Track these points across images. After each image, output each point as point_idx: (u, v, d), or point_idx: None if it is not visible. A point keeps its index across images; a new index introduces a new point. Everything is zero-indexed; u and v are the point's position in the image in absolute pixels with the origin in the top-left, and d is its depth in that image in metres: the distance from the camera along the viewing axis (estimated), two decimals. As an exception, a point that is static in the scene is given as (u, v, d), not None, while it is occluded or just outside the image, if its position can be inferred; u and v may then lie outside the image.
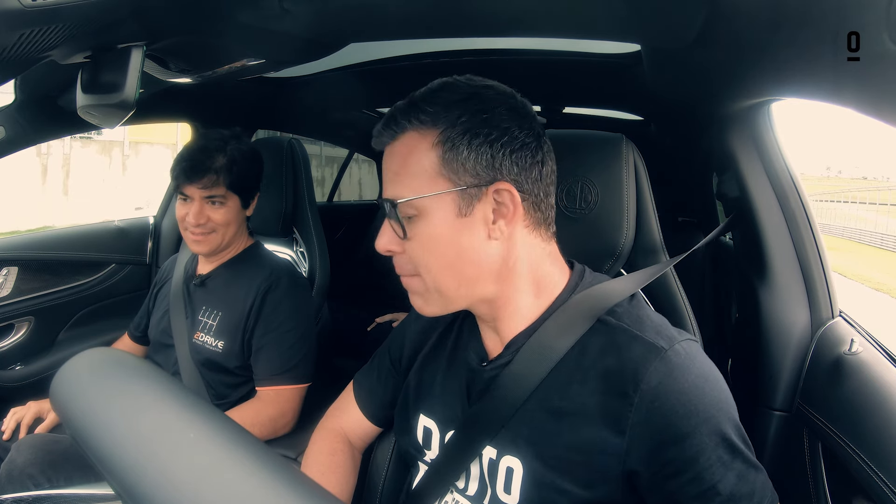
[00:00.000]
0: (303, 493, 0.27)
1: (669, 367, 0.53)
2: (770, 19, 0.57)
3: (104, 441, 0.30)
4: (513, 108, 0.58)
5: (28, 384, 1.41)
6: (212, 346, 1.15)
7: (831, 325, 0.86)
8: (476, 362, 0.64)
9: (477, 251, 0.57)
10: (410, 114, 0.57)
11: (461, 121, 0.55)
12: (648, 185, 0.86)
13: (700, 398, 0.52)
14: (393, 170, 0.58)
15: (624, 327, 0.57)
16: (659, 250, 0.87)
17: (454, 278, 0.58)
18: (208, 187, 1.11)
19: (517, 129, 0.57)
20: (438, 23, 0.86)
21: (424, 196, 0.55)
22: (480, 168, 0.55)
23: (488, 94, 0.57)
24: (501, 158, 0.56)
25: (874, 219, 21.32)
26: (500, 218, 0.57)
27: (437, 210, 0.56)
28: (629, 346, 0.55)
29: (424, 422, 0.68)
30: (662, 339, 0.55)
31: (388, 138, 0.59)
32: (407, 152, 0.57)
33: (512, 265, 0.59)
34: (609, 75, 1.23)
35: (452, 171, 0.55)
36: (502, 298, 0.60)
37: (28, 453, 1.02)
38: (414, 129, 0.57)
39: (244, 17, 0.76)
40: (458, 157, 0.55)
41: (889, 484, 0.58)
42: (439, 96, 0.57)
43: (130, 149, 9.54)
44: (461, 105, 0.56)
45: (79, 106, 0.75)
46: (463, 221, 0.56)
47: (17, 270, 1.45)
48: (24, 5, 0.47)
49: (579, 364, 0.57)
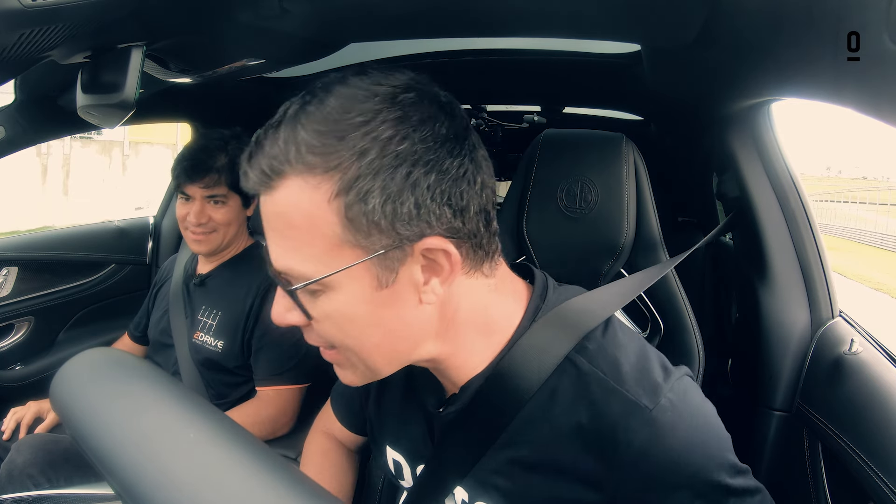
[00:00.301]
0: (303, 493, 0.27)
1: (654, 428, 0.45)
2: (770, 19, 0.57)
3: (104, 441, 0.30)
4: (438, 123, 0.42)
5: (28, 384, 1.41)
6: (211, 345, 1.15)
7: (831, 325, 0.86)
8: (432, 405, 0.55)
9: (408, 323, 0.45)
10: (289, 149, 0.40)
11: (368, 160, 0.39)
12: (648, 185, 0.86)
13: (689, 455, 0.45)
14: (277, 230, 0.43)
15: (599, 376, 0.47)
16: (659, 250, 0.87)
17: (383, 356, 0.47)
18: (210, 186, 1.12)
19: (447, 154, 0.42)
20: (438, 23, 0.86)
21: (326, 276, 0.41)
22: (401, 224, 0.40)
23: (407, 107, 0.41)
24: (430, 205, 0.41)
25: (874, 219, 21.32)
26: (434, 276, 0.44)
27: (349, 285, 0.42)
28: (606, 402, 0.46)
29: (392, 454, 0.62)
30: (645, 392, 0.46)
31: (257, 184, 0.42)
32: (293, 209, 0.41)
33: (451, 318, 0.48)
34: (609, 75, 1.23)
35: (361, 234, 0.40)
36: (445, 353, 0.50)
37: (28, 453, 1.02)
38: (297, 173, 0.40)
39: (244, 17, 0.76)
40: (369, 214, 0.40)
41: (889, 484, 0.58)
42: (322, 118, 0.40)
43: (130, 149, 9.54)
44: (366, 131, 0.39)
45: (79, 106, 0.75)
46: (384, 294, 0.43)
47: (17, 270, 1.45)
48: (24, 5, 0.47)
49: (548, 412, 0.49)
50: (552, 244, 0.90)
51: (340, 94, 0.41)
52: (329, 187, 0.40)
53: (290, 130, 0.41)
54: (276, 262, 0.43)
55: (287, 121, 0.41)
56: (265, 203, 0.43)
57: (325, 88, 0.42)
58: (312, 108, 0.41)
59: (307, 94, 0.42)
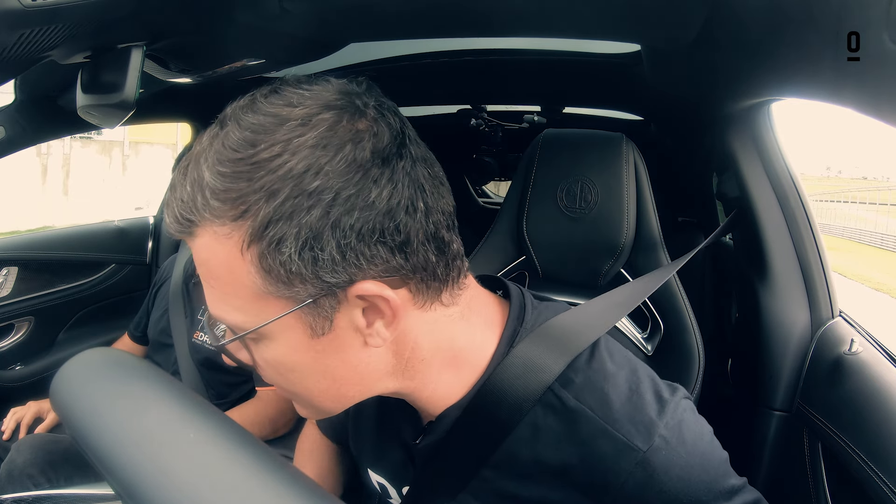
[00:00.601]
0: (303, 493, 0.27)
1: (649, 471, 0.42)
2: (770, 19, 0.57)
3: (104, 441, 0.30)
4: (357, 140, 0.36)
5: (28, 384, 1.41)
6: (211, 345, 1.15)
7: (831, 325, 0.86)
8: (409, 435, 0.52)
9: (355, 367, 0.41)
10: (196, 194, 0.36)
11: (278, 202, 0.34)
12: (648, 185, 0.86)
13: (685, 492, 0.42)
14: (204, 277, 0.39)
15: (587, 414, 0.44)
16: (659, 250, 0.87)
17: (330, 400, 0.44)
18: None
19: (373, 185, 0.36)
20: (438, 23, 0.86)
21: (256, 328, 0.38)
22: (324, 271, 0.36)
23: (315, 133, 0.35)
24: (357, 246, 0.36)
25: (874, 219, 21.33)
26: (378, 318, 0.39)
27: (282, 335, 0.39)
28: (596, 443, 0.43)
29: (375, 477, 0.59)
30: (638, 432, 0.43)
31: (177, 233, 0.39)
32: (212, 258, 0.38)
33: (409, 356, 0.43)
34: (609, 75, 1.23)
35: (283, 284, 0.36)
36: (409, 388, 0.46)
37: (28, 453, 1.02)
38: (206, 221, 0.36)
39: (244, 17, 0.76)
40: (286, 263, 0.35)
41: (889, 484, 0.58)
42: (232, 150, 0.35)
43: (130, 149, 9.54)
44: (272, 168, 0.34)
45: (79, 106, 0.75)
46: (323, 341, 0.39)
47: (17, 270, 1.45)
48: (24, 5, 0.47)
49: (534, 449, 0.45)
50: (552, 244, 0.91)
51: (247, 124, 0.36)
52: (240, 236, 0.35)
53: (196, 172, 0.36)
54: (210, 309, 0.40)
55: (194, 161, 0.37)
56: (191, 249, 0.39)
57: (233, 117, 0.37)
58: (218, 144, 0.36)
59: (216, 125, 0.38)
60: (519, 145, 2.11)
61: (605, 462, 0.43)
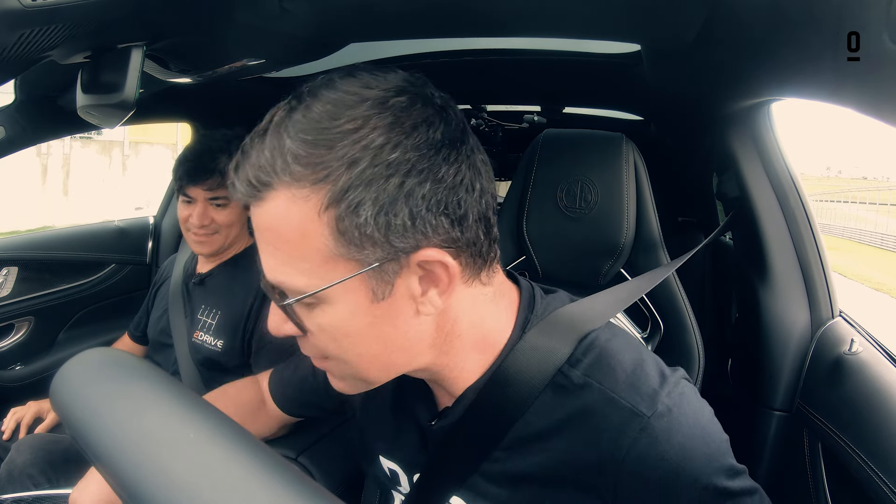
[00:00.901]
0: (303, 493, 0.27)
1: (653, 436, 0.44)
2: (770, 19, 0.57)
3: (104, 441, 0.30)
4: (430, 125, 0.40)
5: (28, 384, 1.41)
6: (211, 345, 1.15)
7: (831, 325, 0.86)
8: (425, 418, 0.54)
9: (405, 334, 0.44)
10: (276, 159, 0.39)
11: (359, 169, 0.37)
12: (648, 185, 0.86)
13: (686, 461, 0.44)
14: (268, 242, 0.41)
15: (595, 387, 0.46)
16: (659, 250, 0.87)
17: (378, 368, 0.46)
18: (213, 189, 1.11)
19: (442, 161, 0.40)
20: (438, 23, 0.86)
21: (319, 290, 0.40)
22: (395, 236, 0.39)
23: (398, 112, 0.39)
24: (425, 215, 0.39)
25: (874, 219, 21.32)
26: (432, 287, 0.42)
27: (344, 299, 0.41)
28: (603, 413, 0.45)
29: (387, 464, 0.61)
30: (643, 399, 0.45)
31: (245, 195, 0.41)
32: (283, 222, 0.39)
33: (449, 330, 0.46)
34: (609, 75, 1.23)
35: (354, 247, 0.39)
36: (440, 365, 0.48)
37: (28, 453, 1.02)
38: (284, 185, 0.39)
39: (244, 17, 0.76)
40: (361, 226, 0.38)
41: (889, 484, 0.58)
42: (309, 126, 0.38)
43: (130, 149, 9.54)
44: (355, 138, 0.38)
45: (79, 106, 0.75)
46: (381, 306, 0.42)
47: (17, 270, 1.45)
48: (24, 5, 0.47)
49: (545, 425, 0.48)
50: (552, 244, 0.91)
51: (328, 98, 0.39)
52: (318, 199, 0.38)
53: (276, 139, 0.39)
54: (268, 273, 0.42)
55: (273, 128, 0.40)
56: (255, 215, 0.41)
57: (312, 93, 0.40)
58: (299, 115, 0.39)
59: (293, 99, 0.41)
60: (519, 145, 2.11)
61: (611, 430, 0.45)
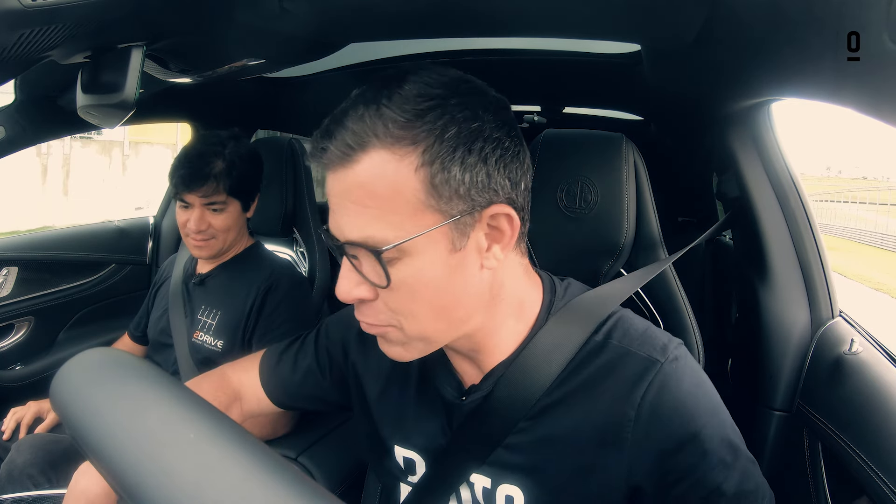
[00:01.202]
0: (303, 493, 0.27)
1: (665, 378, 0.50)
2: (770, 19, 0.57)
3: (104, 441, 0.30)
4: (496, 108, 0.48)
5: (28, 384, 1.41)
6: (211, 345, 1.15)
7: (831, 325, 0.86)
8: (453, 395, 0.58)
9: (469, 289, 0.49)
10: (375, 121, 0.44)
11: (448, 134, 0.44)
12: (648, 185, 0.86)
13: (697, 405, 0.50)
14: (357, 200, 0.45)
15: (613, 345, 0.53)
16: (659, 250, 0.87)
17: (444, 323, 0.50)
18: (208, 195, 1.10)
19: (506, 136, 0.48)
20: (438, 23, 0.86)
21: (414, 237, 0.45)
22: (476, 191, 0.46)
23: (469, 94, 0.47)
24: (497, 176, 0.47)
25: (874, 219, 21.32)
26: (495, 243, 0.49)
27: (428, 249, 0.46)
28: (622, 364, 0.52)
29: (403, 453, 0.63)
30: (655, 350, 0.52)
31: (337, 157, 0.45)
32: (377, 179, 0.44)
33: (496, 292, 0.52)
34: (609, 75, 1.23)
35: (443, 200, 0.45)
36: (485, 330, 0.53)
37: (28, 453, 1.02)
38: (383, 145, 0.44)
39: (244, 17, 0.76)
40: (450, 181, 0.44)
41: (889, 484, 0.58)
42: (408, 97, 0.45)
43: (130, 149, 9.54)
44: (443, 111, 0.45)
45: (79, 106, 0.75)
46: (456, 257, 0.47)
47: (17, 270, 1.45)
48: (24, 5, 0.47)
49: (568, 389, 0.53)
50: (552, 244, 0.90)
51: (413, 81, 0.46)
52: (414, 158, 0.44)
53: (374, 109, 0.44)
54: (352, 232, 0.46)
55: (368, 102, 0.45)
56: (341, 177, 0.45)
57: (398, 77, 0.46)
58: (395, 89, 0.45)
59: (381, 81, 0.46)
60: (519, 145, 2.10)
61: (630, 377, 0.51)
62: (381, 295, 0.48)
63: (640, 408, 0.50)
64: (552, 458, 0.53)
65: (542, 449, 0.53)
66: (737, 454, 0.51)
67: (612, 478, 0.52)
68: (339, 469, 1.04)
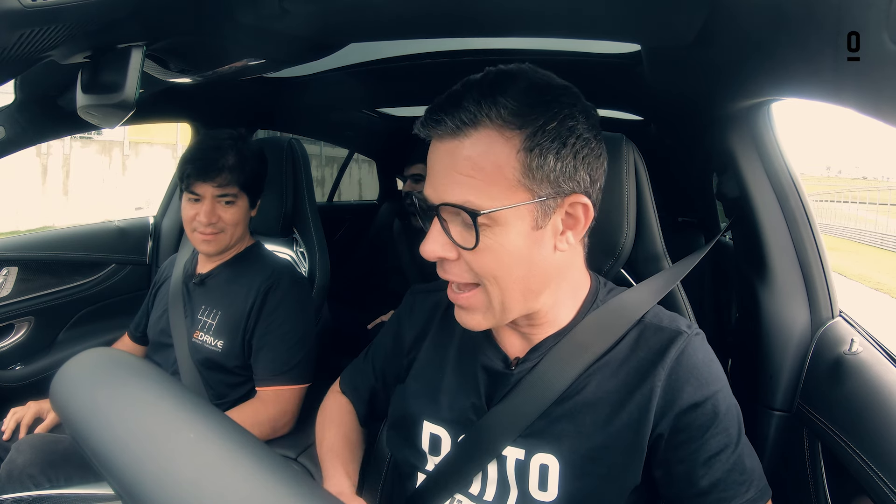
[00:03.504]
0: (303, 493, 0.27)
1: (688, 346, 0.58)
2: (770, 19, 0.57)
3: (104, 441, 0.30)
4: (588, 113, 0.55)
5: (28, 384, 1.41)
6: (211, 345, 1.15)
7: (831, 325, 0.86)
8: (500, 366, 0.63)
9: (544, 263, 0.55)
10: (490, 105, 0.51)
11: (549, 127, 0.51)
12: (649, 185, 0.86)
13: (711, 372, 0.57)
14: (461, 170, 0.52)
15: (647, 322, 0.61)
16: (659, 251, 0.87)
17: (521, 293, 0.56)
18: (222, 186, 1.11)
19: (593, 138, 0.55)
20: (438, 23, 0.86)
21: (507, 207, 0.51)
22: (563, 179, 0.52)
23: (568, 97, 0.54)
24: (581, 170, 0.53)
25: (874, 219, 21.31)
26: (569, 229, 0.56)
27: (516, 221, 0.52)
28: (654, 336, 0.60)
29: (430, 429, 0.66)
30: (682, 324, 0.60)
31: (450, 130, 0.52)
32: (483, 153, 0.51)
33: (563, 274, 0.59)
34: (609, 75, 1.23)
35: (535, 181, 0.51)
36: (548, 306, 0.60)
37: (28, 453, 1.02)
38: (494, 126, 0.51)
39: (244, 18, 0.76)
40: (544, 166, 0.51)
41: (889, 484, 0.58)
42: (520, 90, 0.52)
43: (130, 149, 9.54)
44: (546, 107, 0.52)
45: (79, 106, 0.75)
46: (537, 234, 0.54)
47: (17, 270, 1.45)
48: (24, 5, 0.47)
49: (610, 361, 0.60)
50: (552, 244, 0.90)
51: (526, 78, 0.53)
52: (518, 142, 0.51)
53: (490, 95, 0.51)
54: (453, 196, 0.52)
55: (483, 88, 0.52)
56: (451, 148, 0.52)
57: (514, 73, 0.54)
58: (508, 83, 0.52)
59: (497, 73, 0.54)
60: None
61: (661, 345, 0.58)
62: (464, 256, 0.54)
63: (666, 363, 0.57)
64: (589, 423, 0.58)
65: (581, 414, 0.58)
66: (740, 430, 0.57)
67: (641, 435, 0.56)
68: (339, 469, 1.04)
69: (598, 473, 0.57)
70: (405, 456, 0.68)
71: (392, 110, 2.35)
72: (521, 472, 0.59)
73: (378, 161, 2.89)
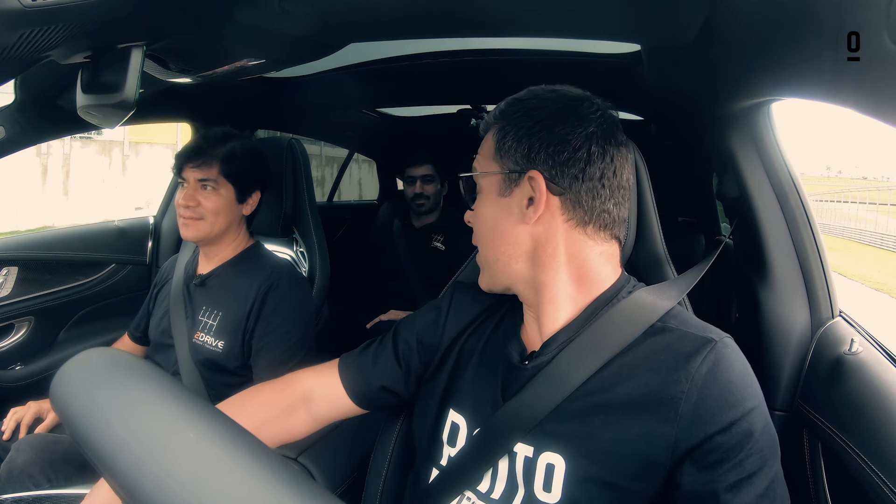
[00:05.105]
0: (303, 493, 0.27)
1: (719, 357, 0.55)
2: (770, 19, 0.57)
3: (104, 441, 0.30)
4: (569, 110, 0.62)
5: (28, 384, 1.41)
6: (212, 345, 1.15)
7: (831, 325, 0.86)
8: (517, 359, 0.64)
9: (511, 231, 0.63)
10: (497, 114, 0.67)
11: (515, 117, 0.63)
12: (649, 186, 0.86)
13: (747, 388, 0.54)
14: (479, 153, 0.68)
15: (671, 327, 0.59)
16: (660, 251, 0.87)
17: (493, 251, 0.65)
18: (201, 168, 1.14)
19: (562, 127, 0.61)
20: (438, 23, 0.86)
21: (478, 174, 0.66)
22: (519, 157, 0.62)
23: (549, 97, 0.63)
24: (537, 150, 0.61)
25: (874, 219, 21.31)
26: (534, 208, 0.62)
27: (488, 188, 0.65)
28: (679, 342, 0.57)
29: (453, 416, 0.67)
30: (712, 333, 0.57)
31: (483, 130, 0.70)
32: (487, 142, 0.67)
33: (551, 252, 0.62)
34: (609, 75, 1.23)
35: (501, 158, 0.64)
36: (540, 282, 0.63)
37: (28, 453, 1.02)
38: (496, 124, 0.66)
39: (244, 18, 0.76)
40: (505, 145, 0.63)
41: (889, 484, 0.58)
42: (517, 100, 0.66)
43: (130, 149, 9.54)
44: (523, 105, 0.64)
45: (79, 106, 0.75)
46: (502, 202, 0.63)
47: (17, 270, 1.45)
48: (24, 5, 0.47)
49: (626, 360, 0.58)
50: (552, 244, 0.90)
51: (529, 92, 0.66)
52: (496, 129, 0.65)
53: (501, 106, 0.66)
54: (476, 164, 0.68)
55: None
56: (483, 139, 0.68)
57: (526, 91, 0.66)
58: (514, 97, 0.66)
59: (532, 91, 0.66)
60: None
61: (686, 351, 0.55)
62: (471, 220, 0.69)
63: (693, 380, 0.53)
64: (599, 426, 0.56)
65: (591, 417, 0.57)
66: (774, 452, 0.54)
67: (657, 448, 0.53)
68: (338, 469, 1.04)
69: (601, 479, 0.55)
70: (425, 445, 0.69)
71: (392, 110, 2.36)
72: (529, 470, 0.59)
73: (378, 161, 2.89)
